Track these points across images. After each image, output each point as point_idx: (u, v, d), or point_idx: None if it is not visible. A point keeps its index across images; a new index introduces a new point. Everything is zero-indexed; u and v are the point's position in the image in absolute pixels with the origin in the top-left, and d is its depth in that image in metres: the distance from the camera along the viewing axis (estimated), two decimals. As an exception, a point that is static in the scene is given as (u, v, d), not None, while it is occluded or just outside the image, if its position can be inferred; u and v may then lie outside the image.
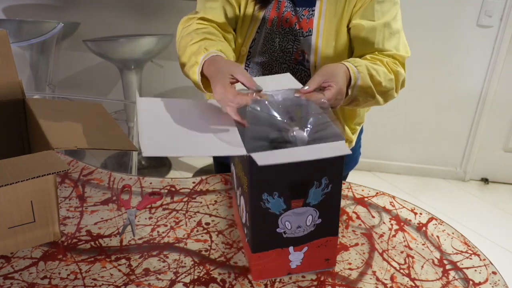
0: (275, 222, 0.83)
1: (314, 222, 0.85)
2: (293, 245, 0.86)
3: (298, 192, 0.81)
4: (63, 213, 1.03)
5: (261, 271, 0.88)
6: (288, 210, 0.82)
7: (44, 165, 0.85)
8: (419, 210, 1.14)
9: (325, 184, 0.81)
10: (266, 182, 0.79)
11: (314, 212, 0.84)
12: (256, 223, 0.83)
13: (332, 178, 0.81)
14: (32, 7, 2.75)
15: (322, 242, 0.87)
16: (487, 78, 2.79)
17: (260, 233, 0.84)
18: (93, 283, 0.86)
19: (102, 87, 3.00)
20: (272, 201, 0.81)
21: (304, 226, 0.85)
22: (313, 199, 0.82)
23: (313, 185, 0.81)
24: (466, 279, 0.94)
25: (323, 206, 0.83)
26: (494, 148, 3.00)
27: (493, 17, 2.63)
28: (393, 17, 1.15)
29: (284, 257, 0.87)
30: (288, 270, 0.89)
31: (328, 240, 0.87)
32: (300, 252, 0.87)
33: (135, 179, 1.16)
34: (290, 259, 0.88)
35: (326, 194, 0.82)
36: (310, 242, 0.86)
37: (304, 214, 0.83)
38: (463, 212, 2.73)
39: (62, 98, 2.32)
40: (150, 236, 0.99)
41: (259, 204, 0.81)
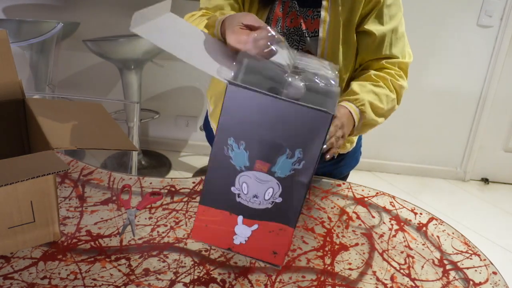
0: (232, 178, 0.75)
1: (274, 198, 0.76)
2: (243, 215, 0.78)
3: (266, 154, 0.73)
4: (63, 213, 1.03)
5: (202, 230, 0.80)
6: (250, 170, 0.74)
7: (44, 165, 0.85)
8: (419, 210, 1.14)
9: (298, 158, 0.73)
10: (236, 123, 0.72)
11: (276, 185, 0.75)
12: (214, 170, 0.76)
13: (307, 154, 0.72)
14: (32, 7, 2.76)
15: (274, 228, 0.78)
16: (487, 78, 2.79)
17: (213, 184, 0.77)
18: (93, 283, 0.86)
19: (102, 87, 3.00)
20: (237, 150, 0.73)
21: (261, 197, 0.76)
22: (280, 169, 0.74)
23: (285, 153, 0.73)
24: (467, 279, 0.94)
25: (288, 183, 0.75)
26: (494, 148, 3.00)
27: (493, 17, 2.63)
28: (399, 21, 1.18)
29: (230, 225, 0.79)
30: (230, 243, 0.81)
31: (282, 228, 0.78)
32: (248, 228, 0.79)
33: (135, 179, 1.16)
34: (235, 231, 0.80)
35: (295, 171, 0.74)
36: (262, 222, 0.78)
37: (265, 184, 0.75)
38: (463, 212, 2.74)
39: (62, 98, 2.32)
40: (150, 236, 0.99)
41: (223, 148, 0.74)
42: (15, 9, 2.77)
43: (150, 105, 2.95)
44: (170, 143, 3.11)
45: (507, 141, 2.99)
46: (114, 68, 2.62)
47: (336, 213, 1.10)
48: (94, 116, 1.10)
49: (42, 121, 0.98)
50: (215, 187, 0.78)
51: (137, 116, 2.03)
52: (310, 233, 1.03)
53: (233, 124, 0.72)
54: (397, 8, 1.17)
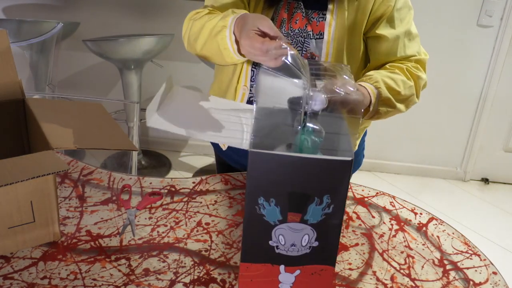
0: (269, 233, 0.79)
1: (310, 243, 0.79)
2: (284, 264, 0.81)
3: (296, 204, 0.77)
4: (63, 213, 1.03)
5: (249, 285, 0.84)
6: (284, 222, 0.78)
7: (44, 165, 0.85)
8: (419, 210, 1.13)
9: (327, 203, 0.76)
10: (263, 184, 0.76)
11: (311, 231, 0.78)
12: (249, 229, 0.79)
13: (335, 198, 0.76)
14: (32, 7, 2.75)
15: (316, 270, 0.81)
16: (487, 78, 2.79)
17: (252, 241, 0.80)
18: (93, 283, 0.86)
19: (102, 87, 3.00)
20: (268, 207, 0.77)
21: (299, 245, 0.79)
22: (311, 216, 0.77)
23: (314, 201, 0.76)
24: (467, 279, 0.94)
25: (322, 228, 0.78)
26: (494, 148, 3.00)
27: (493, 17, 2.63)
28: (411, 22, 1.18)
29: (273, 275, 0.82)
30: None
31: (323, 269, 0.81)
32: (291, 275, 0.82)
33: (135, 179, 1.16)
34: (280, 280, 0.83)
35: (326, 215, 0.77)
36: (304, 266, 0.81)
37: (301, 232, 0.78)
38: (463, 212, 2.74)
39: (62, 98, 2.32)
40: (150, 236, 0.99)
41: (254, 208, 0.77)
42: (15, 9, 2.77)
43: (150, 105, 2.95)
44: (170, 143, 3.11)
45: (507, 141, 2.99)
46: (114, 68, 2.62)
47: (336, 213, 1.10)
48: (94, 116, 1.10)
49: (42, 121, 0.98)
50: (253, 244, 0.81)
51: (137, 116, 2.03)
52: (310, 233, 1.03)
53: (260, 185, 0.76)
54: (407, 10, 1.17)
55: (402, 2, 1.15)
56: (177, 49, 2.65)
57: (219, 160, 1.45)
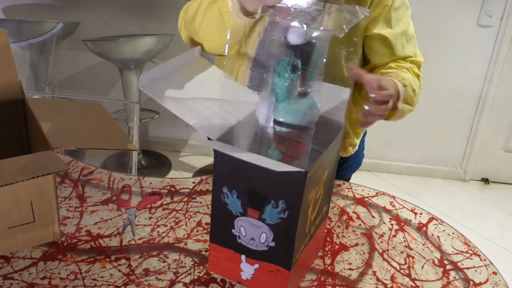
0: (232, 222, 0.83)
1: (268, 242, 0.82)
2: (245, 255, 0.85)
3: (255, 202, 0.79)
4: (63, 213, 1.03)
5: (216, 264, 0.89)
6: (244, 216, 0.81)
7: (44, 165, 0.85)
8: (419, 210, 1.13)
9: (282, 208, 0.78)
10: (226, 176, 0.80)
11: (268, 231, 0.81)
12: (216, 213, 0.84)
13: (289, 205, 0.77)
14: (32, 7, 2.75)
15: (272, 269, 0.84)
16: (487, 78, 2.79)
17: (218, 225, 0.85)
18: (93, 283, 0.86)
19: (102, 87, 3.00)
20: (231, 198, 0.81)
21: (257, 241, 0.82)
22: (268, 217, 0.80)
23: (270, 203, 0.78)
24: (467, 279, 0.94)
25: (278, 230, 0.80)
26: (494, 148, 3.00)
27: (493, 17, 2.63)
28: (408, 23, 1.17)
29: (236, 262, 0.86)
30: (239, 278, 0.87)
31: (279, 270, 0.83)
32: (251, 266, 0.85)
33: (135, 179, 1.16)
34: (241, 268, 0.86)
35: (282, 219, 0.79)
36: (262, 262, 0.84)
37: (259, 229, 0.81)
38: (463, 212, 2.73)
39: (62, 98, 2.32)
40: (150, 236, 0.99)
41: (219, 196, 0.82)
42: (15, 9, 2.77)
43: (150, 105, 2.95)
44: (170, 143, 3.11)
45: (507, 141, 2.99)
46: (114, 68, 2.62)
47: (336, 213, 1.10)
48: (94, 116, 1.10)
49: (42, 121, 0.98)
50: (219, 228, 0.85)
51: (137, 116, 2.03)
52: (310, 233, 1.03)
53: (225, 175, 0.80)
54: (405, 9, 1.16)
55: (399, 1, 1.15)
56: (177, 49, 2.64)
57: None
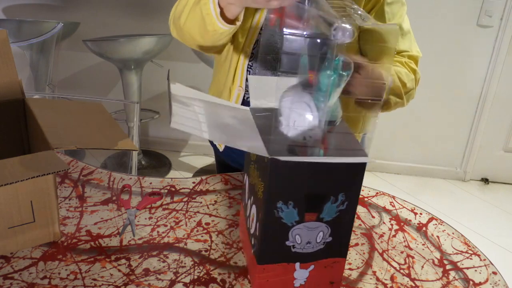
0: (286, 234, 0.81)
1: (325, 239, 0.82)
2: (300, 261, 0.84)
3: (313, 205, 0.80)
4: (63, 213, 1.03)
5: (264, 285, 0.86)
6: (301, 223, 0.80)
7: (43, 165, 0.85)
8: (419, 210, 1.14)
9: (341, 200, 0.79)
10: (282, 189, 0.78)
11: (326, 228, 0.82)
12: (267, 232, 0.81)
13: (349, 196, 0.79)
14: (32, 7, 2.76)
15: (329, 263, 0.85)
16: (487, 78, 2.79)
17: (269, 243, 0.82)
18: (93, 283, 0.86)
19: (102, 87, 3.00)
20: (286, 210, 0.79)
21: (314, 242, 0.82)
22: (327, 214, 0.80)
23: (329, 200, 0.79)
24: (466, 279, 0.94)
25: (335, 223, 0.81)
26: (494, 148, 3.01)
27: (493, 17, 2.63)
28: (403, 18, 1.16)
29: (289, 273, 0.85)
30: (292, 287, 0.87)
31: (336, 261, 0.85)
32: (305, 271, 0.85)
33: (135, 179, 1.16)
34: (294, 276, 0.85)
35: (340, 212, 0.80)
36: (317, 261, 0.84)
37: (316, 230, 0.81)
38: (463, 212, 2.74)
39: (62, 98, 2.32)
40: (150, 236, 0.99)
41: (273, 212, 0.79)
42: (15, 9, 2.77)
43: (150, 105, 2.95)
44: (170, 143, 3.11)
45: (507, 141, 2.99)
46: (114, 68, 2.62)
47: (336, 213, 1.10)
48: (94, 116, 1.10)
49: (42, 120, 0.98)
50: (270, 246, 0.83)
51: (137, 116, 2.03)
52: (310, 233, 1.03)
53: (280, 190, 0.78)
54: (400, 5, 1.15)
55: None
56: (177, 49, 2.65)
57: (219, 159, 1.46)
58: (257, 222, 0.84)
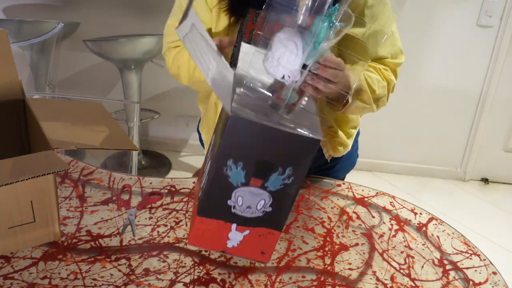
0: (229, 193, 0.84)
1: (265, 208, 0.85)
2: (237, 223, 0.86)
3: (260, 171, 0.82)
4: (63, 213, 1.03)
5: (199, 237, 0.89)
6: (245, 186, 0.83)
7: (44, 164, 0.85)
8: (419, 210, 1.14)
9: (288, 174, 0.82)
10: (235, 148, 0.80)
11: (268, 198, 0.84)
12: (213, 186, 0.84)
13: (296, 171, 0.82)
14: (32, 7, 2.75)
15: (264, 232, 0.87)
16: (487, 78, 2.79)
17: (212, 198, 0.85)
18: (93, 283, 0.86)
19: (102, 87, 3.00)
20: (235, 170, 0.82)
21: (254, 208, 0.85)
22: (271, 184, 0.83)
23: (277, 170, 0.81)
24: (466, 279, 0.94)
25: (278, 195, 0.84)
26: (494, 148, 3.00)
27: (493, 17, 2.63)
28: (385, 20, 1.13)
29: (224, 231, 0.87)
30: (224, 247, 0.89)
31: (271, 232, 0.87)
32: (240, 234, 0.87)
33: (135, 179, 1.16)
34: (229, 237, 0.88)
35: (285, 185, 0.83)
36: (253, 228, 0.87)
37: (258, 197, 0.84)
38: (463, 212, 2.73)
39: (62, 98, 2.32)
40: (150, 236, 0.99)
41: (222, 168, 0.82)
42: (15, 9, 2.77)
43: (150, 105, 2.95)
44: (170, 143, 3.11)
45: (507, 141, 2.99)
46: (114, 68, 2.62)
47: (336, 213, 1.10)
48: (94, 115, 1.10)
49: (42, 121, 0.98)
50: (213, 201, 0.86)
51: (137, 116, 2.03)
52: (310, 233, 1.03)
53: (233, 148, 0.81)
54: (382, 7, 1.12)
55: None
56: (177, 49, 2.65)
57: None
58: (207, 176, 0.87)
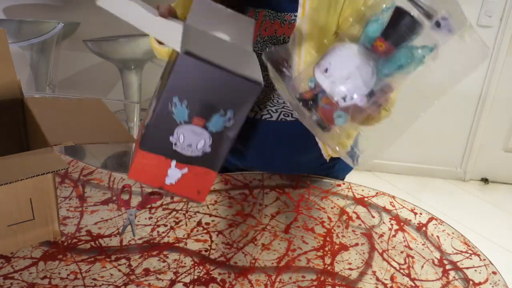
0: (172, 130, 0.86)
1: (204, 149, 0.87)
2: (177, 160, 0.88)
3: (203, 111, 0.85)
4: (63, 213, 1.03)
5: (139, 171, 0.90)
6: (188, 124, 0.85)
7: (43, 163, 0.85)
8: (419, 210, 1.14)
9: (229, 117, 0.85)
10: (182, 86, 0.83)
11: (208, 138, 0.87)
12: (157, 121, 0.86)
13: (237, 115, 0.85)
14: (32, 7, 2.76)
15: (201, 172, 0.89)
16: (487, 78, 2.79)
17: (155, 132, 0.87)
18: (93, 283, 0.86)
19: (102, 87, 3.00)
20: (179, 107, 0.84)
21: (194, 147, 0.87)
22: (213, 125, 0.86)
23: (219, 111, 0.84)
24: (466, 279, 0.94)
25: (218, 137, 0.87)
26: (494, 148, 3.01)
27: (493, 17, 2.63)
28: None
29: (164, 167, 0.89)
30: (162, 183, 0.90)
31: (208, 172, 0.89)
32: (179, 171, 0.89)
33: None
34: (168, 173, 0.89)
35: (225, 128, 0.86)
36: (192, 166, 0.89)
37: (199, 136, 0.86)
38: (463, 212, 2.74)
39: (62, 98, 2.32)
40: (150, 236, 0.99)
41: (167, 104, 0.84)
42: (15, 9, 2.77)
43: (150, 105, 2.95)
44: (170, 143, 3.10)
45: (507, 141, 2.99)
46: (114, 68, 2.62)
47: (336, 213, 1.10)
48: (93, 111, 1.10)
49: (41, 119, 0.98)
50: (156, 136, 0.88)
51: (137, 116, 2.03)
52: (310, 233, 1.03)
53: (180, 85, 0.83)
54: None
55: None
56: (177, 49, 2.65)
57: None
58: (152, 112, 0.89)
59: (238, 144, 1.28)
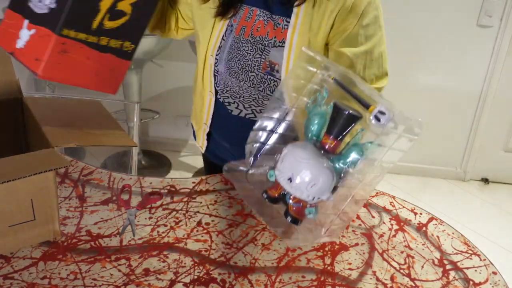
0: None
1: (50, 4, 0.85)
2: (29, 19, 0.86)
3: None
4: (63, 213, 1.03)
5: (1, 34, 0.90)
6: None
7: (44, 162, 0.85)
8: (419, 210, 1.14)
9: None
10: None
11: None
12: None
13: None
14: (32, 7, 2.75)
15: (44, 33, 0.86)
16: (487, 78, 2.79)
17: None
18: (93, 283, 0.86)
19: (102, 87, 2.99)
20: None
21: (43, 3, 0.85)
22: None
23: None
24: (466, 279, 0.94)
25: None
26: (494, 148, 3.01)
27: (493, 17, 2.63)
28: (377, 41, 1.10)
29: (18, 28, 0.87)
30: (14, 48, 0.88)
31: (48, 34, 0.85)
32: (28, 32, 0.87)
33: (135, 179, 1.16)
34: (19, 35, 0.88)
35: None
36: (38, 26, 0.86)
37: None
38: (463, 212, 2.74)
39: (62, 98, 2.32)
40: (150, 236, 0.99)
41: None
42: (15, 9, 2.77)
43: (150, 105, 2.95)
44: (170, 143, 3.11)
45: (507, 141, 2.99)
46: (114, 68, 2.62)
47: (336, 213, 1.10)
48: (92, 113, 1.10)
49: (40, 119, 0.98)
50: None
51: (137, 116, 2.03)
52: (310, 233, 1.03)
53: None
54: (376, 27, 1.09)
55: (371, 18, 1.07)
56: (177, 49, 2.65)
57: (205, 159, 1.45)
58: None
59: (224, 142, 1.29)
